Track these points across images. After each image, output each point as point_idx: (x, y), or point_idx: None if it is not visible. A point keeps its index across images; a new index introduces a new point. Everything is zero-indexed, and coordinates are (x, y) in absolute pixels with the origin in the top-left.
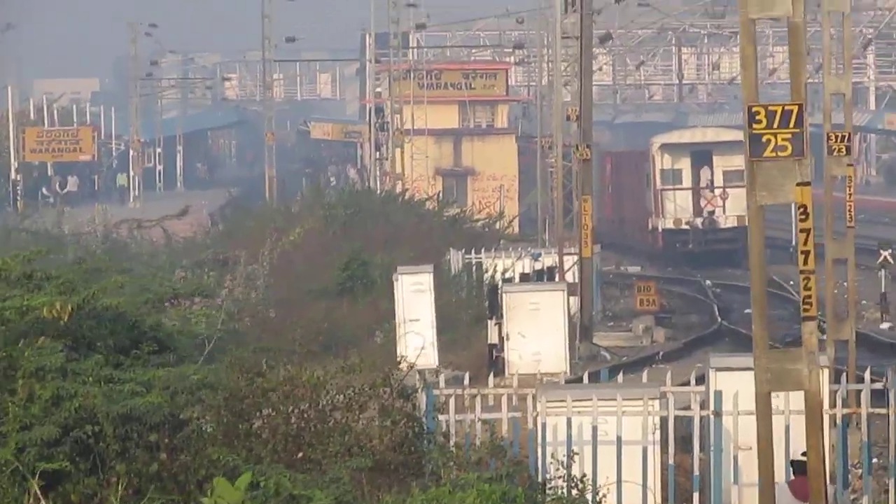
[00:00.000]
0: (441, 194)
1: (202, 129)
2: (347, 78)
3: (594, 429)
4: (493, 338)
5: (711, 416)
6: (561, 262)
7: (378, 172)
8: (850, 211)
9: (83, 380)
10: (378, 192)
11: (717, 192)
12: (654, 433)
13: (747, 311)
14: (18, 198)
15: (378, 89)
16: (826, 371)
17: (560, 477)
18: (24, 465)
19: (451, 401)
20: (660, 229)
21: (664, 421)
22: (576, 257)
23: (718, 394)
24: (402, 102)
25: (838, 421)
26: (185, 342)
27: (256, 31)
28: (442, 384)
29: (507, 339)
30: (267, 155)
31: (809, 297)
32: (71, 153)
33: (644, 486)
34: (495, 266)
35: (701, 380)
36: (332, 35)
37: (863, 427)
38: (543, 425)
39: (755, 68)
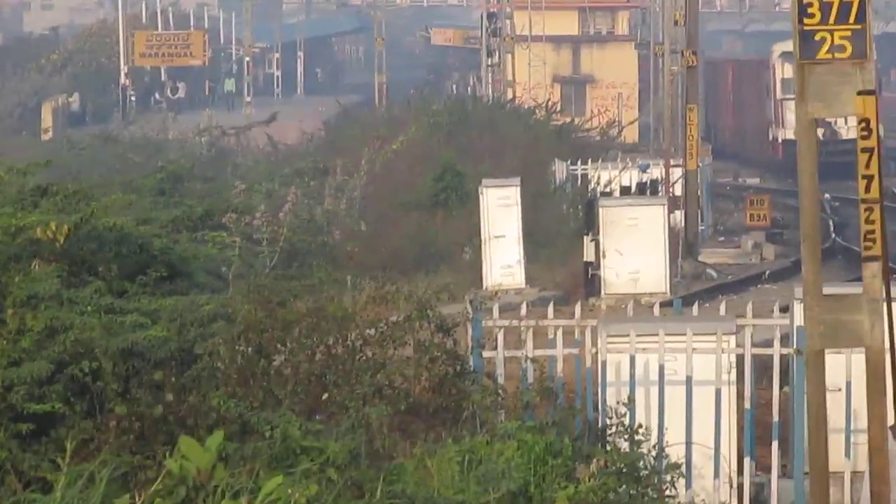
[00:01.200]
0: (552, 102)
1: (325, 34)
2: None
3: (661, 368)
4: (589, 255)
5: (794, 354)
6: (667, 174)
7: (490, 80)
8: None
9: (80, 309)
10: (486, 99)
11: None
12: (729, 372)
13: None
14: (129, 102)
15: None
16: None
17: (618, 423)
18: (12, 405)
19: (500, 335)
20: (780, 140)
21: (741, 359)
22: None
23: (802, 328)
24: (513, 8)
25: None
26: (203, 266)
27: None
28: (496, 314)
29: (604, 256)
30: (376, 61)
31: (873, 232)
32: (182, 58)
33: (717, 432)
34: (597, 178)
35: (785, 309)
36: None
37: None
38: (604, 364)
39: None
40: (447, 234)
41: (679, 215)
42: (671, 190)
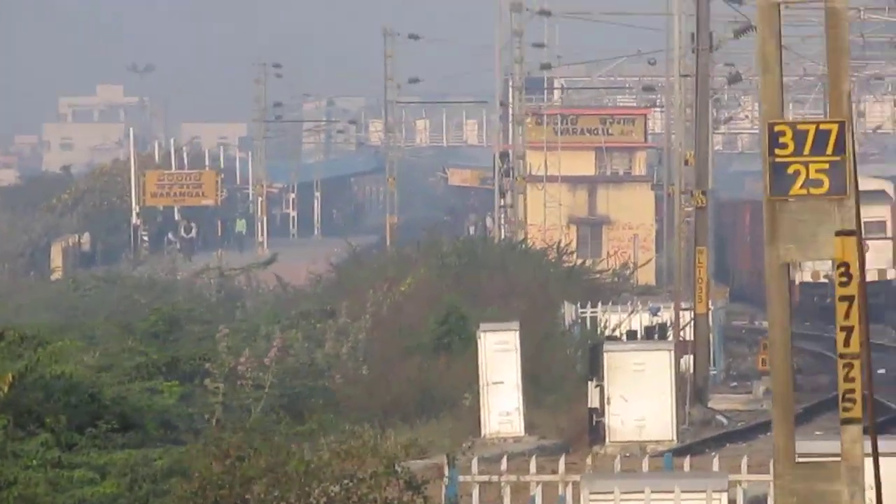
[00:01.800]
0: (564, 243)
1: (344, 174)
2: (493, 124)
3: None
4: (593, 401)
5: None
6: (677, 317)
7: (503, 220)
8: None
9: (25, 463)
10: (497, 240)
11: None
12: None
13: (880, 370)
14: (141, 242)
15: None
16: None
17: None
18: None
19: (476, 492)
20: (797, 282)
21: None
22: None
23: None
24: (528, 148)
25: None
26: (158, 418)
27: (402, 77)
28: (475, 468)
29: (609, 402)
30: (387, 201)
31: (853, 391)
32: (193, 198)
33: None
34: (606, 321)
35: None
36: (474, 79)
37: None
38: None
39: (779, 71)
40: (449, 379)
41: (688, 360)
42: (682, 334)
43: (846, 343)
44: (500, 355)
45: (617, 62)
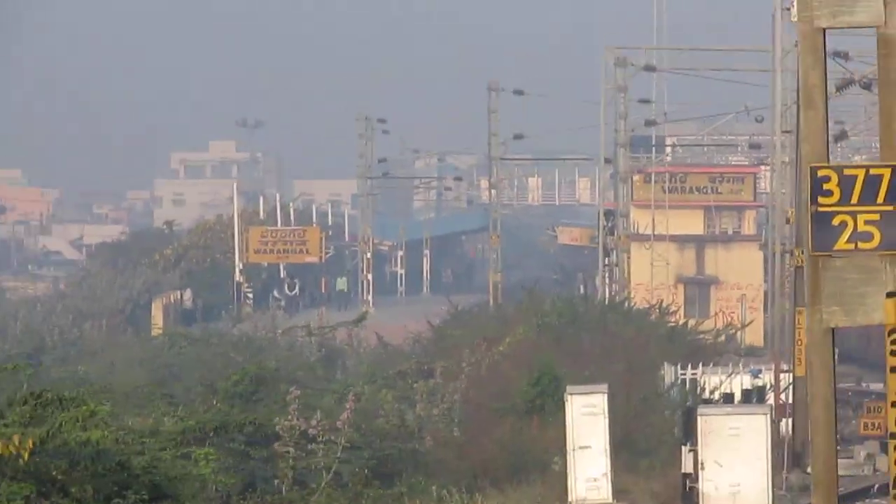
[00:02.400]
0: (664, 303)
1: (453, 232)
2: (604, 182)
3: None
4: (686, 466)
5: None
6: (777, 380)
7: (607, 279)
8: None
9: None
10: (599, 299)
11: None
12: None
13: None
14: (244, 299)
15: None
16: None
17: None
18: None
19: None
20: None
21: None
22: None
23: None
24: (636, 206)
25: None
26: (192, 489)
27: (508, 133)
28: None
29: (703, 468)
30: (491, 259)
31: None
32: (297, 255)
33: None
34: (705, 383)
35: None
36: (586, 136)
37: None
38: None
39: (824, 107)
40: (541, 442)
41: (787, 424)
42: (782, 397)
43: None
44: (587, 419)
45: (725, 119)
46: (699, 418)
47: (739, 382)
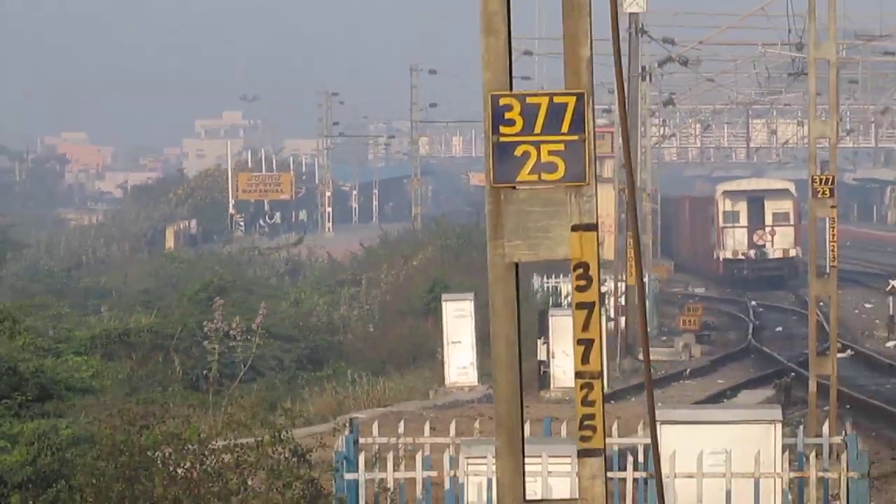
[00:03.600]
0: None
1: (396, 176)
2: None
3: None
4: (541, 355)
5: (647, 478)
6: (616, 287)
7: None
8: (833, 251)
9: None
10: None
11: (767, 229)
12: None
13: (778, 328)
14: (236, 227)
15: None
16: (779, 426)
17: None
18: None
19: (361, 457)
20: (721, 259)
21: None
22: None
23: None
24: None
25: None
26: (79, 388)
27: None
28: (375, 431)
29: (553, 356)
30: (413, 197)
31: (592, 417)
32: (274, 193)
33: None
34: (556, 288)
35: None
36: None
37: (811, 493)
38: (462, 486)
39: (506, 33)
40: (432, 337)
41: (623, 321)
42: (621, 300)
43: (585, 359)
44: (458, 320)
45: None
46: (550, 318)
47: None
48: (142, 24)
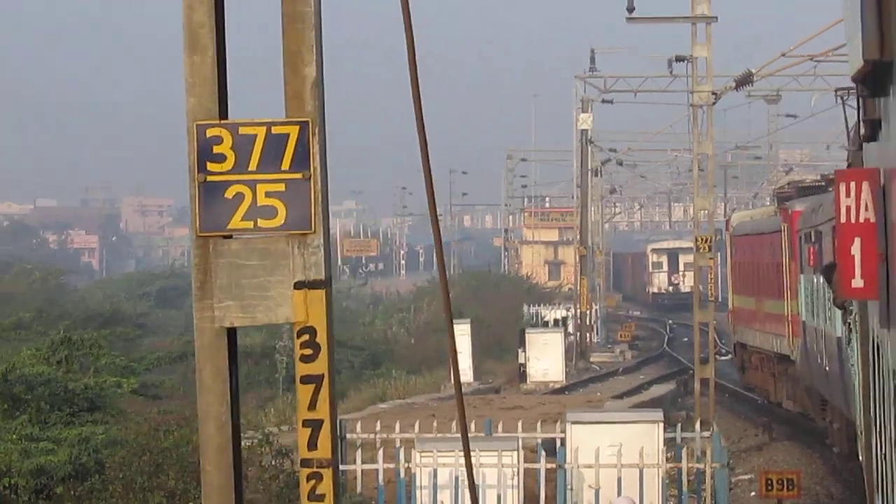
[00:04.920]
0: (534, 276)
1: (448, 241)
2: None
3: (456, 479)
4: (521, 359)
5: (557, 468)
6: (577, 312)
7: (507, 263)
8: (711, 290)
9: (7, 437)
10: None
11: (680, 273)
12: (514, 478)
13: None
14: (343, 272)
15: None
16: (661, 425)
17: None
18: None
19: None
20: (650, 292)
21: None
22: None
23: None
24: (522, 227)
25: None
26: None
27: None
28: (358, 428)
29: (528, 360)
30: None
31: None
32: (365, 252)
33: None
34: (538, 314)
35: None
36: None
37: (684, 482)
38: (413, 476)
39: (213, 52)
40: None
41: (578, 335)
42: (578, 322)
43: (312, 445)
44: (459, 337)
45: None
46: (526, 335)
47: (557, 313)
48: None
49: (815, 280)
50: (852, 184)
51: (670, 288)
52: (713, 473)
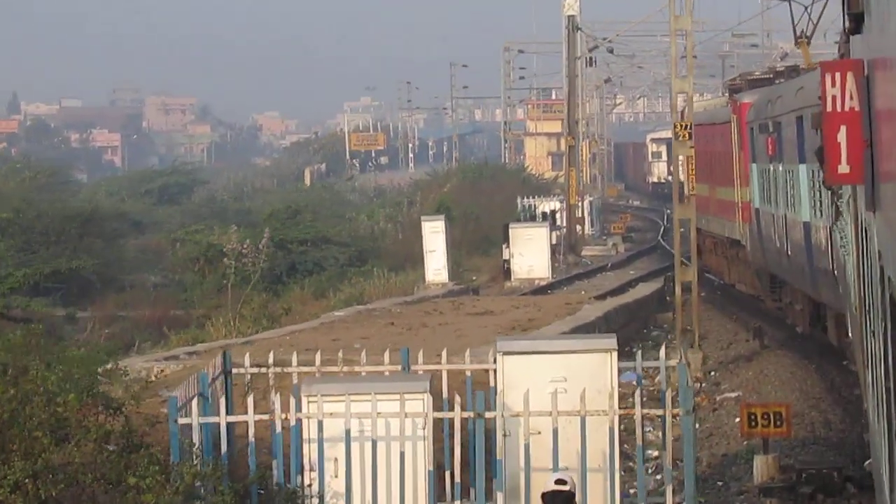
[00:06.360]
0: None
1: (462, 133)
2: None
3: (347, 432)
4: (505, 256)
5: (474, 418)
6: (569, 205)
7: (507, 154)
8: (691, 183)
9: None
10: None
11: None
12: (423, 428)
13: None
14: (353, 167)
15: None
16: (615, 354)
17: (308, 487)
18: None
19: (194, 403)
20: (650, 182)
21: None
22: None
23: (480, 395)
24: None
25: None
26: None
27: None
28: (247, 362)
29: (512, 256)
30: (456, 146)
31: None
32: (373, 146)
33: (402, 495)
34: (531, 207)
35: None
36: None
37: (637, 430)
38: (297, 425)
39: None
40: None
41: (566, 230)
42: (570, 213)
43: None
44: (433, 234)
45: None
46: (510, 230)
47: (548, 206)
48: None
49: (773, 168)
50: (837, 74)
51: (669, 177)
52: (676, 422)
